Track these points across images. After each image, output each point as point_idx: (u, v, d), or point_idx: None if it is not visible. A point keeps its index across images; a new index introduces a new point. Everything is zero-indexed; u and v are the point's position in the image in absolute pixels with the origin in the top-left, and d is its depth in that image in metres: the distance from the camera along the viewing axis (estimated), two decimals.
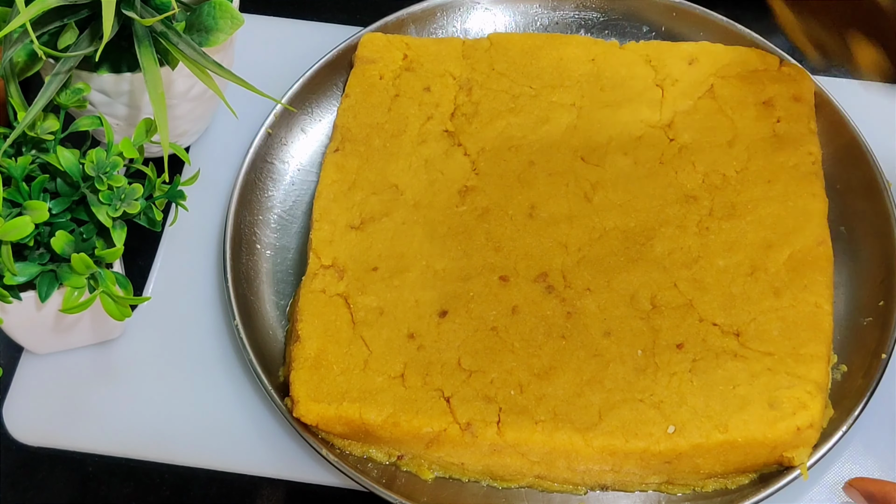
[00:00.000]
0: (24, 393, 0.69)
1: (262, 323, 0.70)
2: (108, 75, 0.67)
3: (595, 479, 0.63)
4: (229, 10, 0.67)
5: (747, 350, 0.64)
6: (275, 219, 0.76)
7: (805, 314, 0.65)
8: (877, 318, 0.68)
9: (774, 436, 0.61)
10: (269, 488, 0.67)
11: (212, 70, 0.63)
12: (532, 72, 0.77)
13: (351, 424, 0.63)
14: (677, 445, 0.61)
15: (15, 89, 0.62)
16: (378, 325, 0.66)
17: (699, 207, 0.70)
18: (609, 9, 0.83)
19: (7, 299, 0.58)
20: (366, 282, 0.68)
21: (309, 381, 0.64)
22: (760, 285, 0.67)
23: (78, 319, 0.66)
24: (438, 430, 0.62)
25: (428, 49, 0.79)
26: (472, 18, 0.83)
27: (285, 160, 0.78)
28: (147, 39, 0.62)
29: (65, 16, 0.62)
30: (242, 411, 0.68)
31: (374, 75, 0.77)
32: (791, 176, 0.71)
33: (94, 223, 0.60)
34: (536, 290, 0.67)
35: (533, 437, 0.61)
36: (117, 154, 0.60)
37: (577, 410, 0.62)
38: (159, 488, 0.67)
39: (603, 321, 0.66)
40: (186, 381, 0.70)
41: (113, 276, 0.60)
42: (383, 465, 0.65)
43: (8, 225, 0.56)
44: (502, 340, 0.65)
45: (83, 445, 0.68)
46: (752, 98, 0.75)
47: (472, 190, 0.72)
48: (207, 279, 0.74)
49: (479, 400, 0.63)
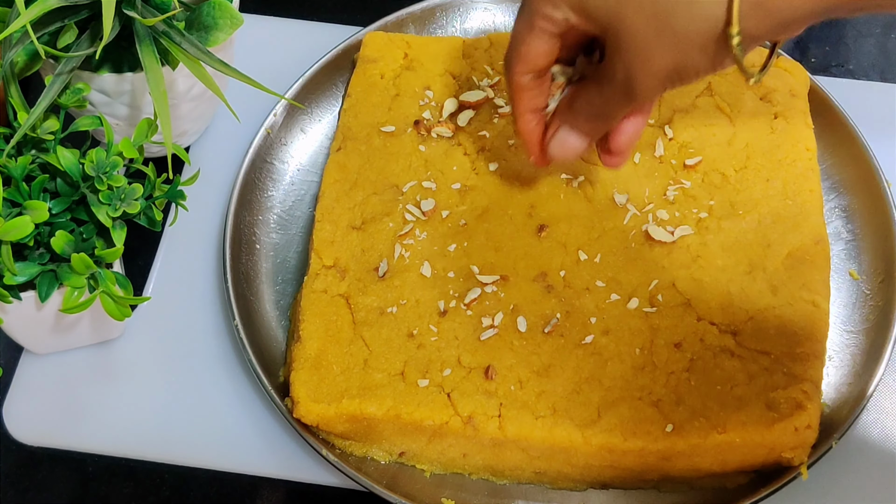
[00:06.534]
0: (24, 393, 0.69)
1: (262, 323, 0.70)
2: (109, 75, 0.67)
3: (594, 476, 0.64)
4: (229, 9, 0.67)
5: (744, 349, 0.64)
6: (275, 219, 0.76)
7: (802, 313, 0.65)
8: (876, 318, 0.69)
9: (772, 437, 0.61)
10: (269, 488, 0.67)
11: (215, 68, 0.64)
12: None
13: (352, 420, 0.63)
14: (675, 444, 0.61)
15: (15, 90, 0.62)
16: (378, 325, 0.66)
17: (699, 206, 0.70)
18: None
19: (7, 299, 0.59)
20: (367, 282, 0.68)
21: (309, 381, 0.64)
22: (758, 284, 0.67)
23: (78, 319, 0.66)
24: (440, 423, 0.62)
25: (428, 48, 0.79)
26: (471, 18, 0.83)
27: (285, 160, 0.78)
28: (148, 39, 0.62)
29: (65, 16, 0.63)
30: (242, 411, 0.69)
31: (375, 74, 0.77)
32: (789, 173, 0.71)
33: (94, 223, 0.60)
34: (536, 289, 0.67)
35: (533, 433, 0.61)
36: (117, 154, 0.60)
37: (576, 407, 0.62)
38: (159, 488, 0.67)
39: (602, 320, 0.66)
40: (186, 381, 0.70)
41: (113, 276, 0.60)
42: (383, 464, 0.65)
43: (8, 225, 0.56)
44: (502, 339, 0.65)
45: (83, 445, 0.68)
46: (750, 93, 0.75)
47: (472, 190, 0.72)
48: (207, 279, 0.74)
49: (480, 395, 0.63)
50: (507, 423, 0.62)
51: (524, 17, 0.57)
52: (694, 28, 0.50)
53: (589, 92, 0.59)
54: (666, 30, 0.50)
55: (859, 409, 0.64)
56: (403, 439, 0.64)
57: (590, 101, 0.59)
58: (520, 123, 0.63)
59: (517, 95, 0.61)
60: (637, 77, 0.54)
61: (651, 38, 0.51)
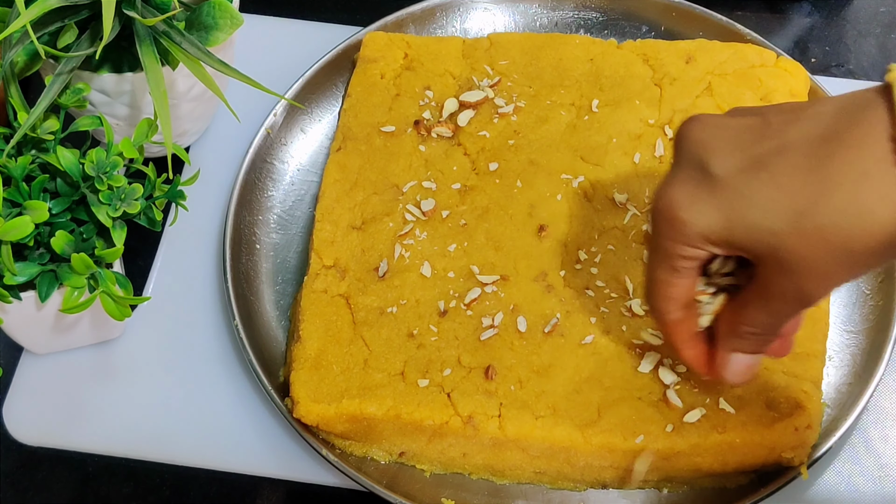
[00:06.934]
0: (24, 393, 0.69)
1: (262, 323, 0.70)
2: (109, 75, 0.67)
3: (594, 476, 0.63)
4: (229, 9, 0.67)
5: None
6: (275, 219, 0.76)
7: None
8: (876, 318, 0.69)
9: (773, 436, 0.61)
10: (269, 488, 0.67)
11: (215, 68, 0.64)
12: (531, 71, 0.77)
13: (352, 420, 0.63)
14: (675, 444, 0.61)
15: (15, 90, 0.62)
16: (378, 325, 0.66)
17: None
18: (609, 9, 0.83)
19: (7, 299, 0.59)
20: (367, 282, 0.68)
21: (309, 381, 0.64)
22: None
23: (78, 319, 0.66)
24: (440, 423, 0.62)
25: (428, 48, 0.79)
26: (471, 18, 0.83)
27: (285, 160, 0.78)
28: (148, 39, 0.62)
29: (65, 16, 0.63)
30: (242, 411, 0.69)
31: (375, 74, 0.77)
32: None
33: (94, 223, 0.60)
34: (536, 289, 0.67)
35: (533, 433, 0.61)
36: (117, 154, 0.60)
37: (576, 407, 0.62)
38: (159, 488, 0.67)
39: (602, 320, 0.66)
40: (186, 381, 0.70)
41: (113, 275, 0.60)
42: (383, 464, 0.65)
43: (8, 225, 0.56)
44: (502, 339, 0.65)
45: (83, 445, 0.68)
46: (750, 94, 0.75)
47: (472, 190, 0.72)
48: (207, 279, 0.74)
49: (480, 394, 0.63)
50: (507, 423, 0.62)
51: (661, 259, 0.52)
52: (870, 242, 0.45)
53: (751, 311, 0.52)
54: (839, 251, 0.46)
55: (859, 409, 0.64)
56: (403, 439, 0.64)
57: (756, 323, 0.53)
58: (684, 355, 0.57)
59: (673, 331, 0.56)
60: (813, 292, 0.49)
61: (824, 260, 0.46)
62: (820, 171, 0.46)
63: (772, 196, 0.47)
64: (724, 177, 0.48)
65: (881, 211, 0.45)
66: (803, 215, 0.46)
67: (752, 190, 0.47)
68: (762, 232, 0.47)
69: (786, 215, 0.46)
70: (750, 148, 0.48)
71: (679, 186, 0.50)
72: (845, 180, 0.45)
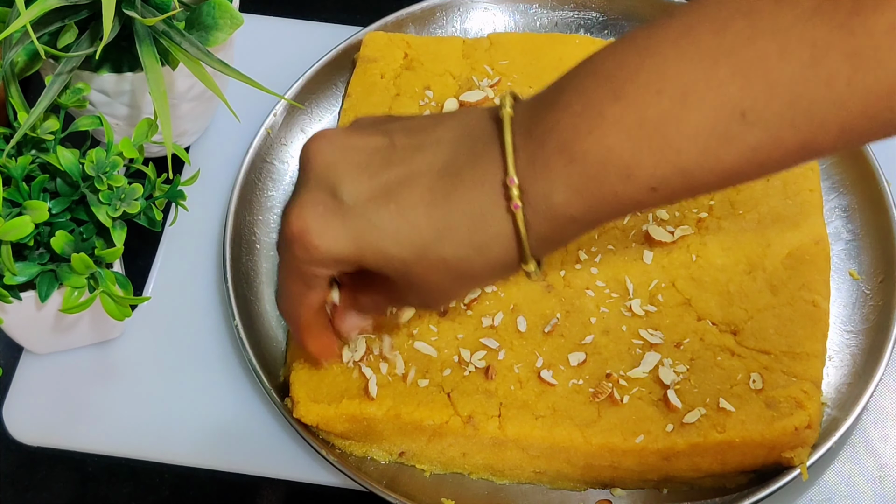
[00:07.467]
0: (24, 393, 0.69)
1: (262, 323, 0.70)
2: (109, 75, 0.67)
3: (594, 476, 0.63)
4: (229, 9, 0.67)
5: (744, 349, 0.64)
6: (275, 219, 0.76)
7: (802, 312, 0.65)
8: (876, 318, 0.69)
9: (772, 436, 0.61)
10: (269, 488, 0.67)
11: (215, 68, 0.64)
12: (532, 72, 0.77)
13: (352, 420, 0.63)
14: (675, 444, 0.61)
15: (15, 90, 0.62)
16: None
17: (699, 206, 0.70)
18: (609, 9, 0.83)
19: (7, 299, 0.59)
20: None
21: (309, 381, 0.64)
22: (758, 283, 0.67)
23: (78, 319, 0.66)
24: (440, 423, 0.62)
25: (428, 48, 0.79)
26: (471, 18, 0.83)
27: (285, 160, 0.78)
28: (148, 39, 0.63)
29: (65, 16, 0.63)
30: (242, 411, 0.69)
31: (375, 74, 0.77)
32: (789, 172, 0.70)
33: (94, 223, 0.60)
34: (536, 289, 0.67)
35: (533, 433, 0.61)
36: (117, 154, 0.60)
37: (576, 407, 0.62)
38: (159, 488, 0.67)
39: (602, 320, 0.66)
40: (186, 381, 0.70)
41: (113, 275, 0.60)
42: (383, 464, 0.65)
43: (8, 225, 0.56)
44: (502, 339, 0.65)
45: (83, 445, 0.68)
46: None
47: None
48: (207, 279, 0.74)
49: (480, 394, 0.63)
50: (507, 423, 0.62)
51: (295, 276, 0.54)
52: (487, 269, 0.50)
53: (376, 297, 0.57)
54: (461, 276, 0.50)
55: (859, 409, 0.64)
56: (403, 439, 0.64)
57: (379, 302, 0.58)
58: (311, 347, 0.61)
59: (306, 332, 0.59)
60: (434, 304, 0.58)
61: (448, 283, 0.51)
62: (442, 206, 0.48)
63: (399, 228, 0.49)
64: (354, 205, 0.50)
65: (497, 248, 0.49)
66: (428, 248, 0.49)
67: (382, 220, 0.49)
68: (391, 259, 0.50)
69: (413, 247, 0.49)
70: (378, 174, 0.50)
71: (311, 209, 0.51)
72: (465, 219, 0.48)
